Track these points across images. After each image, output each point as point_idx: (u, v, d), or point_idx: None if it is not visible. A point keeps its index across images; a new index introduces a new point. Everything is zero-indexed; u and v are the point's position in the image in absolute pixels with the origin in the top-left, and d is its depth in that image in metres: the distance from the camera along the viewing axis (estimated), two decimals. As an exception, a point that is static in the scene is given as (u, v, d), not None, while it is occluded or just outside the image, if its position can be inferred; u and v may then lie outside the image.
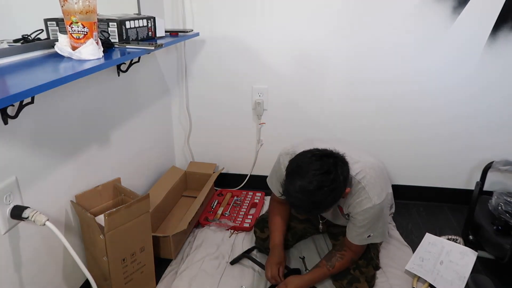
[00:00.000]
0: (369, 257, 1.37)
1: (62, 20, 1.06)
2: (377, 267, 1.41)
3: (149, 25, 1.41)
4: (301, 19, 1.74)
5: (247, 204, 1.89)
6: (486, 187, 1.72)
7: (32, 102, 0.96)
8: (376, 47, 1.73)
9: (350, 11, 1.69)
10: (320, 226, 1.56)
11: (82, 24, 1.00)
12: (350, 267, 1.32)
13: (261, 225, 1.55)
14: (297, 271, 1.42)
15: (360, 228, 1.25)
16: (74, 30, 1.00)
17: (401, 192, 1.98)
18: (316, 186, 1.07)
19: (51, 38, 1.16)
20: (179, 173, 1.94)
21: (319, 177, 1.07)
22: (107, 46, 1.17)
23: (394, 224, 1.74)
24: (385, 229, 1.31)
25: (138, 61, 1.53)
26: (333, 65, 1.79)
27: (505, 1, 1.59)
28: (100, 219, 1.16)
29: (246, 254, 1.50)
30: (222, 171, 2.07)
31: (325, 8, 1.71)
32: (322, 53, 1.79)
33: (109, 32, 1.23)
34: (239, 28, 1.80)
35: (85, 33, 1.01)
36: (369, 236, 1.26)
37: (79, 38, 1.02)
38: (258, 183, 2.06)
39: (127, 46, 1.24)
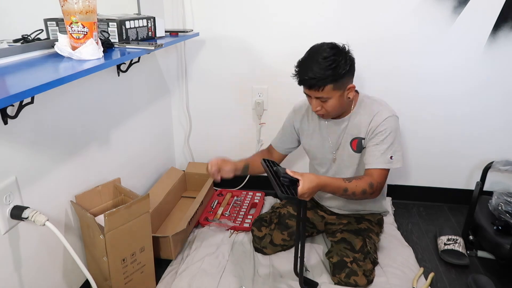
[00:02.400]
0: (365, 251, 1.38)
1: (62, 20, 1.06)
2: (375, 261, 1.41)
3: (149, 25, 1.41)
4: (301, 19, 1.74)
5: (247, 204, 1.89)
6: (486, 187, 1.72)
7: (32, 102, 0.96)
8: (377, 47, 1.73)
9: (350, 11, 1.69)
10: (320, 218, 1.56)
11: (82, 24, 1.00)
12: (365, 190, 1.25)
13: (258, 224, 1.56)
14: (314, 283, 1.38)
15: (383, 144, 1.30)
16: (74, 30, 1.00)
17: (401, 192, 1.98)
18: (324, 51, 1.25)
19: (51, 38, 1.16)
20: (178, 174, 1.94)
21: (328, 48, 1.26)
22: (107, 46, 1.17)
23: (396, 225, 1.73)
24: (402, 154, 1.35)
25: (138, 61, 1.53)
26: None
27: (505, 1, 1.59)
28: (100, 219, 1.16)
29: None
30: (222, 171, 2.07)
31: (325, 8, 1.71)
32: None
33: (109, 32, 1.23)
34: (239, 28, 1.80)
35: (85, 33, 1.01)
36: (391, 157, 1.31)
37: (79, 38, 1.02)
38: (258, 183, 2.06)
39: (127, 46, 1.24)
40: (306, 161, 1.68)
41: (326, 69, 1.21)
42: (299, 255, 1.31)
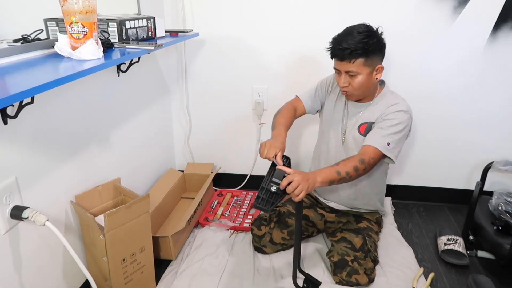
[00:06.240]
0: (366, 250, 1.38)
1: (62, 20, 1.06)
2: (375, 260, 1.41)
3: (149, 25, 1.41)
4: (301, 19, 1.74)
5: (247, 204, 1.89)
6: (486, 187, 1.72)
7: (32, 102, 0.96)
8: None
9: (350, 11, 1.69)
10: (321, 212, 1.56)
11: (82, 24, 1.00)
12: (357, 167, 1.26)
13: (258, 223, 1.56)
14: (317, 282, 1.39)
15: (387, 129, 1.32)
16: (74, 30, 1.00)
17: (401, 192, 1.98)
18: (359, 28, 1.28)
19: (51, 38, 1.16)
20: (177, 175, 1.93)
21: (363, 25, 1.29)
22: (107, 46, 1.17)
23: (396, 225, 1.73)
24: (399, 152, 1.36)
25: (138, 61, 1.53)
26: (333, 64, 1.79)
27: (505, 1, 1.59)
28: (100, 219, 1.16)
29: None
30: (222, 171, 2.06)
31: (325, 8, 1.71)
32: (322, 53, 1.78)
33: (109, 32, 1.23)
34: (239, 28, 1.80)
35: (85, 33, 1.01)
36: (389, 144, 1.31)
37: (79, 38, 1.02)
38: (258, 183, 2.05)
39: (127, 46, 1.24)
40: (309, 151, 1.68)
41: (359, 42, 1.25)
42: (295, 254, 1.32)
